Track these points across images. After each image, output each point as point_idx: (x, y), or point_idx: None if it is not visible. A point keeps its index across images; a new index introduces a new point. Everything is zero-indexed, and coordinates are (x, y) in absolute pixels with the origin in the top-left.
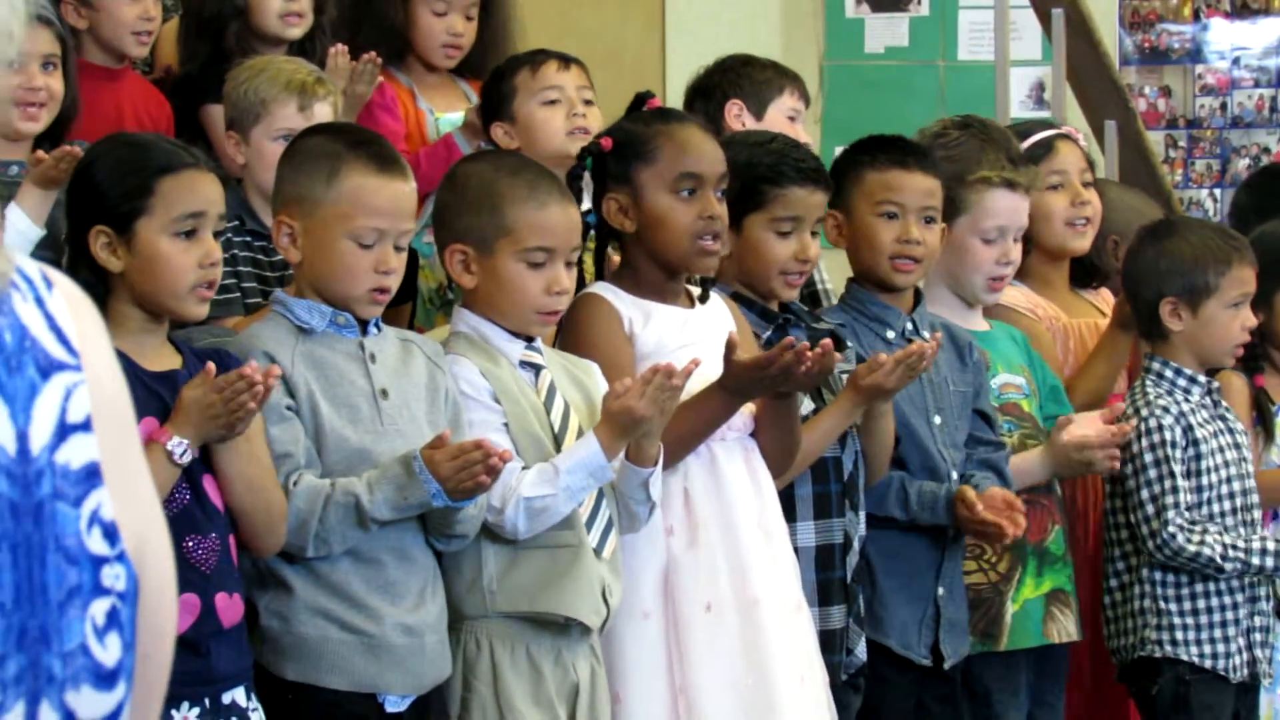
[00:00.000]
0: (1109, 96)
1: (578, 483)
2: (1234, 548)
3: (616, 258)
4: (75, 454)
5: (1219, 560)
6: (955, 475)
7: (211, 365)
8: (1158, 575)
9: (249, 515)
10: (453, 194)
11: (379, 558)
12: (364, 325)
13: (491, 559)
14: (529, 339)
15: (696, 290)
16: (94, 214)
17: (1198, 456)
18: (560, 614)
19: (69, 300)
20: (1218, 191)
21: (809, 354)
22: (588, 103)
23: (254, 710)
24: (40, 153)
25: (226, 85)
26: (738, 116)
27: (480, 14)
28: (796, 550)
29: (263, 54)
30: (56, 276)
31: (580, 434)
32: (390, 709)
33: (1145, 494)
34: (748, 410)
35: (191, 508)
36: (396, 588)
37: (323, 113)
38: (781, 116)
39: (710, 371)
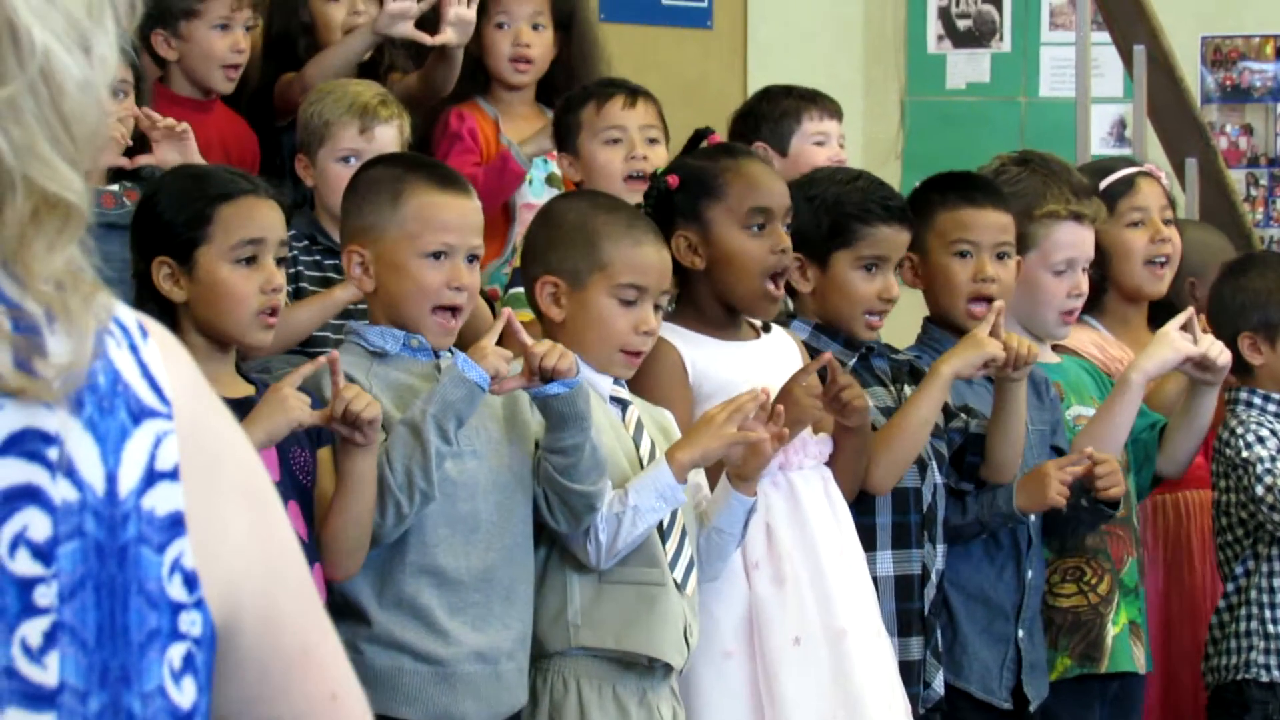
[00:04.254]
0: (1190, 134)
1: (646, 502)
2: None
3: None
4: (161, 501)
5: None
6: (1033, 517)
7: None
8: (1266, 598)
9: (337, 538)
10: (545, 228)
11: (461, 579)
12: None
13: (577, 592)
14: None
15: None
16: (157, 245)
17: None
18: (645, 654)
19: (164, 350)
20: None
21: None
22: (652, 141)
23: None
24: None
25: (299, 110)
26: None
27: (561, 37)
28: (875, 580)
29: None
30: (153, 326)
31: None
32: None
33: (1267, 480)
34: (824, 438)
35: None
36: (474, 610)
37: (385, 135)
38: (806, 146)
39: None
